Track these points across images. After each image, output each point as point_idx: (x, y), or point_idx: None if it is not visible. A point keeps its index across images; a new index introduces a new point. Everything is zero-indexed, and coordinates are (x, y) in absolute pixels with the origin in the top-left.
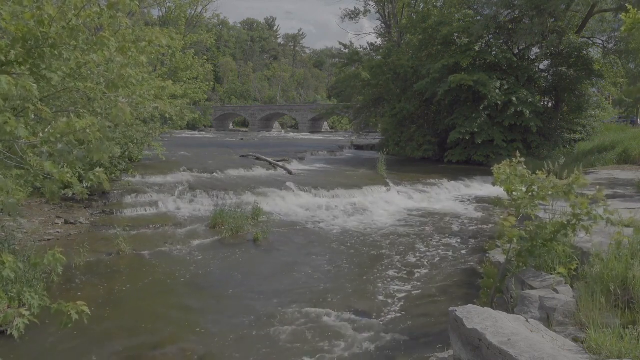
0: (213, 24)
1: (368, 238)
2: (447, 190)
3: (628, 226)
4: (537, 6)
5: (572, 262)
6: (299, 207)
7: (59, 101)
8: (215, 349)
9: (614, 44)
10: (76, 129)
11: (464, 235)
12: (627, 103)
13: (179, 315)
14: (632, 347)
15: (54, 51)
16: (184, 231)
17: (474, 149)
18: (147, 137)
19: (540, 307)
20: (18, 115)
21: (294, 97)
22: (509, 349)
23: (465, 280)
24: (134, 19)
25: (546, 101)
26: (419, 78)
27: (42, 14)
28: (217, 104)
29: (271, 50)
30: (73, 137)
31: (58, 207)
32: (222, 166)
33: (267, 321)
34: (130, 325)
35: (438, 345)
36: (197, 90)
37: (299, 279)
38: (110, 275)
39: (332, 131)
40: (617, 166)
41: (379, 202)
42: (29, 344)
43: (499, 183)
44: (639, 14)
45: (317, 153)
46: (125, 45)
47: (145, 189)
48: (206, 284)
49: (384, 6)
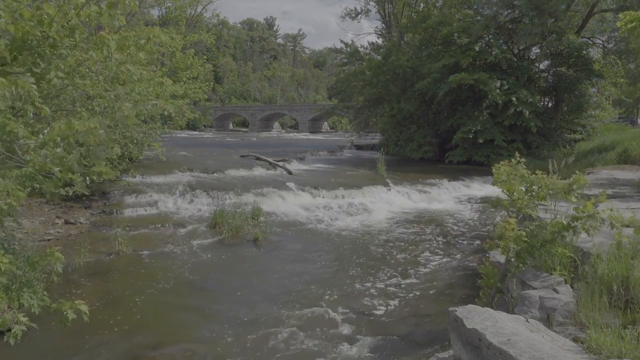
0: (213, 23)
1: (368, 238)
2: (447, 190)
3: (628, 226)
4: (537, 6)
5: (572, 262)
6: (299, 207)
7: (57, 99)
8: (215, 349)
9: (614, 44)
10: (77, 131)
11: (464, 235)
12: (627, 103)
13: (179, 316)
14: (632, 347)
15: (53, 51)
16: (184, 231)
17: (475, 149)
18: (147, 137)
19: (540, 307)
20: (17, 114)
21: (293, 97)
22: (509, 349)
23: (465, 280)
24: (134, 19)
25: (546, 101)
26: (418, 78)
27: (41, 14)
28: (217, 104)
29: (271, 50)
30: (73, 139)
31: (58, 207)
32: (222, 166)
33: (267, 321)
34: (130, 326)
35: (438, 346)
36: (197, 90)
37: (299, 279)
38: (110, 275)
39: (332, 131)
40: (617, 166)
41: (379, 202)
42: (28, 345)
43: (498, 183)
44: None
45: (317, 153)
46: (125, 43)
47: (145, 189)
48: (206, 284)
49: (384, 6)
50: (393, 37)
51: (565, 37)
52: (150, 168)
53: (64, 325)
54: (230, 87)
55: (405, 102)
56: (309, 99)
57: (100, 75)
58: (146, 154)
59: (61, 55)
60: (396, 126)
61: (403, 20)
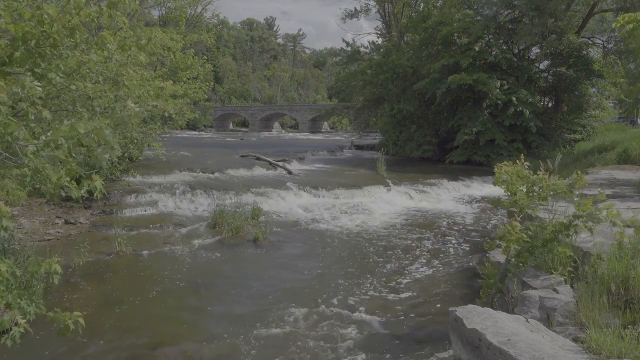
0: (213, 23)
1: (368, 238)
2: (447, 190)
3: (629, 226)
4: (537, 6)
5: (572, 262)
6: (299, 207)
7: (57, 100)
8: (215, 349)
9: (614, 44)
10: (80, 133)
11: (464, 235)
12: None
13: (179, 316)
14: (632, 347)
15: (54, 51)
16: (184, 231)
17: (475, 149)
18: (147, 137)
19: (541, 307)
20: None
21: (293, 97)
22: (509, 349)
23: (465, 280)
24: (134, 19)
25: (546, 101)
26: (418, 78)
27: (41, 14)
28: (217, 104)
29: (271, 50)
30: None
31: (58, 207)
32: (222, 166)
33: (267, 321)
34: (130, 326)
35: (438, 345)
36: (197, 90)
37: (299, 279)
38: (110, 275)
39: (332, 131)
40: (617, 166)
41: (379, 202)
42: (27, 345)
43: (499, 183)
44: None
45: (317, 153)
46: (126, 43)
47: (145, 189)
48: (206, 284)
49: (384, 6)
50: (393, 37)
51: (565, 37)
52: (150, 168)
53: (62, 336)
54: (230, 87)
55: (405, 102)
56: (309, 99)
57: (100, 76)
58: (146, 154)
59: (62, 55)
60: (396, 126)
61: (403, 20)
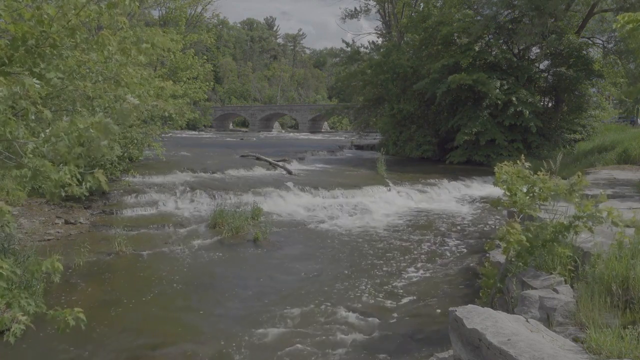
0: (213, 23)
1: (368, 238)
2: (447, 191)
3: (629, 226)
4: (537, 6)
5: (572, 262)
6: (299, 207)
7: (57, 99)
8: (215, 349)
9: (614, 44)
10: (80, 128)
11: (464, 235)
12: (627, 103)
13: (179, 316)
14: (632, 347)
15: (53, 51)
16: (184, 231)
17: (475, 149)
18: (147, 137)
19: (541, 307)
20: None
21: (293, 97)
22: (509, 349)
23: (465, 280)
24: (134, 19)
25: (546, 101)
26: (418, 78)
27: (41, 14)
28: (217, 104)
29: (271, 50)
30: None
31: (58, 207)
32: (222, 166)
33: (266, 321)
34: (130, 326)
35: (438, 346)
36: (197, 90)
37: (299, 279)
38: (110, 275)
39: (332, 131)
40: (617, 166)
41: (379, 202)
42: (27, 345)
43: (499, 184)
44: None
45: (317, 153)
46: (126, 46)
47: (145, 189)
48: (206, 284)
49: (384, 6)
50: (393, 37)
51: (565, 37)
52: (151, 168)
53: (62, 332)
54: (230, 87)
55: (405, 102)
56: (309, 99)
57: (100, 76)
58: (146, 154)
59: (61, 55)
60: (396, 126)
61: (403, 20)
